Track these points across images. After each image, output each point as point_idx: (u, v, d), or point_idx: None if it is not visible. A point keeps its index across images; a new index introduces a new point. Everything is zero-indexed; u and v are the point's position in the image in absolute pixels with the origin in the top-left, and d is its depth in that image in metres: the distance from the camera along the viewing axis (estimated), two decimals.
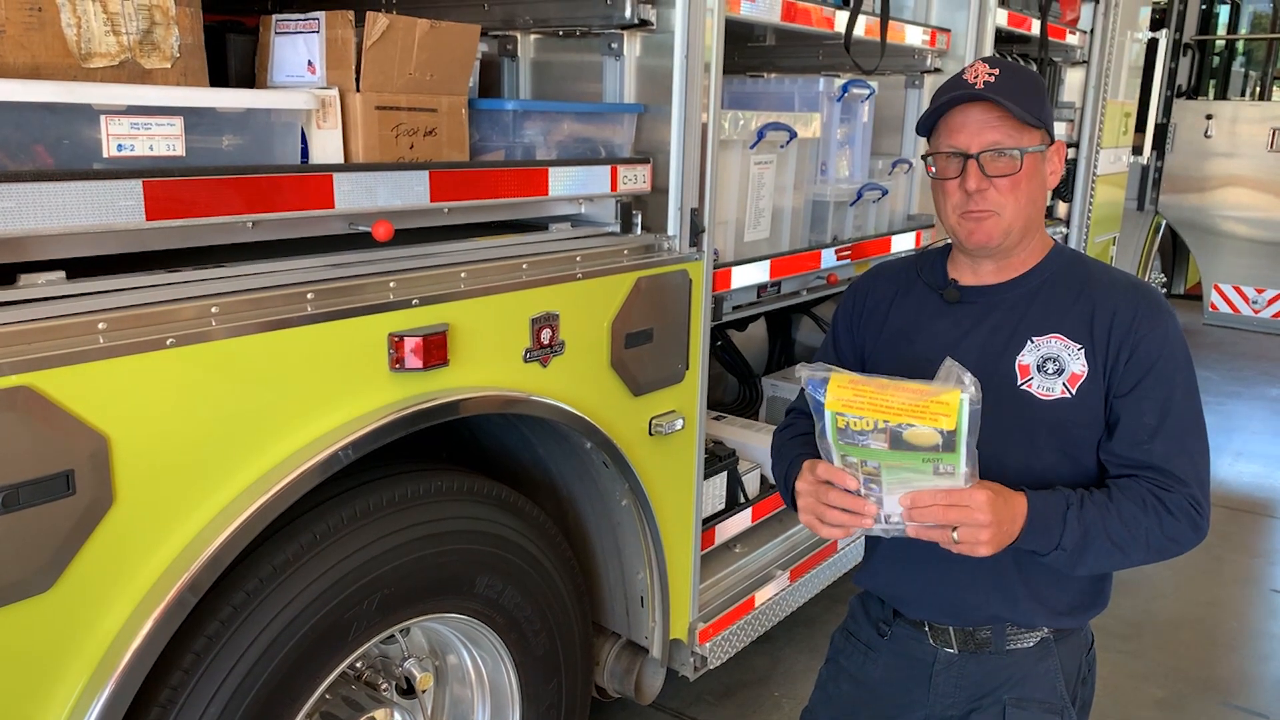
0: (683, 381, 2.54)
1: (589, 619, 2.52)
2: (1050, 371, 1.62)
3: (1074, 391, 1.61)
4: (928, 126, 1.68)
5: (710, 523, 2.96)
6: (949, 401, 1.37)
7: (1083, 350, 1.62)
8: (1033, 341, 1.64)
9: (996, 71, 1.59)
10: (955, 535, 1.46)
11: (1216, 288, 6.98)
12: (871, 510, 1.48)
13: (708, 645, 2.82)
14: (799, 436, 1.83)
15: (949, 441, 1.39)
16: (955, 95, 1.62)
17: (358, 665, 2.16)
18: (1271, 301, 6.77)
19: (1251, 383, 7.36)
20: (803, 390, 1.49)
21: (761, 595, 3.03)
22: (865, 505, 1.48)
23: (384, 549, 1.91)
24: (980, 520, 1.44)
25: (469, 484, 2.11)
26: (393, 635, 2.15)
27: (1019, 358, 1.64)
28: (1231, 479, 5.50)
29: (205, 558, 1.58)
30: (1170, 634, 3.80)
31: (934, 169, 1.68)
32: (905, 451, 1.41)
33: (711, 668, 2.85)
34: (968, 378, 1.39)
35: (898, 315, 1.79)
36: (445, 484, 2.06)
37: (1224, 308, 6.96)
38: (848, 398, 1.42)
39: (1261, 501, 5.18)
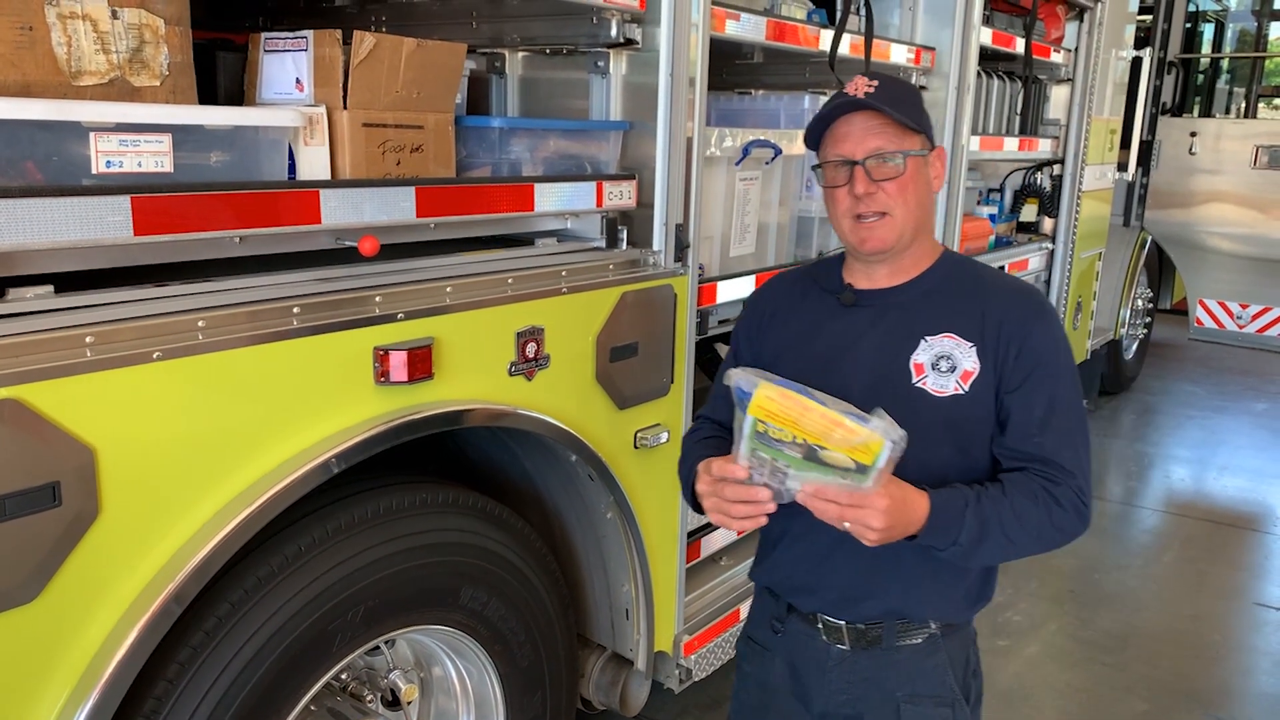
0: (668, 395, 2.57)
1: (574, 631, 2.54)
2: (944, 369, 1.68)
3: (967, 388, 1.67)
4: (815, 139, 1.75)
5: (696, 535, 2.98)
6: (872, 447, 1.43)
7: (974, 348, 1.68)
8: (926, 341, 1.70)
9: (875, 83, 1.67)
10: (846, 525, 1.51)
11: (1202, 303, 7.03)
12: (766, 495, 1.53)
13: (693, 658, 2.83)
14: (704, 440, 1.87)
15: (862, 469, 1.45)
16: (837, 105, 1.69)
17: (343, 676, 2.18)
18: (1256, 317, 6.83)
19: (1236, 397, 7.41)
20: (727, 389, 1.53)
21: (747, 608, 3.04)
22: (759, 493, 1.53)
23: (369, 561, 1.93)
24: (873, 524, 1.49)
25: (454, 497, 2.13)
26: (378, 647, 2.17)
27: (913, 356, 1.70)
28: (1216, 493, 5.54)
29: (190, 569, 1.60)
30: (1154, 647, 3.82)
31: (824, 178, 1.74)
32: (818, 465, 1.46)
33: (697, 680, 2.86)
34: (897, 432, 1.42)
35: (797, 321, 1.84)
36: (430, 497, 2.07)
37: (1209, 323, 7.01)
38: (772, 410, 1.46)
39: (1245, 515, 5.22)
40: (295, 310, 1.74)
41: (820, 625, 1.80)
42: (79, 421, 1.45)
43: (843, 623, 1.78)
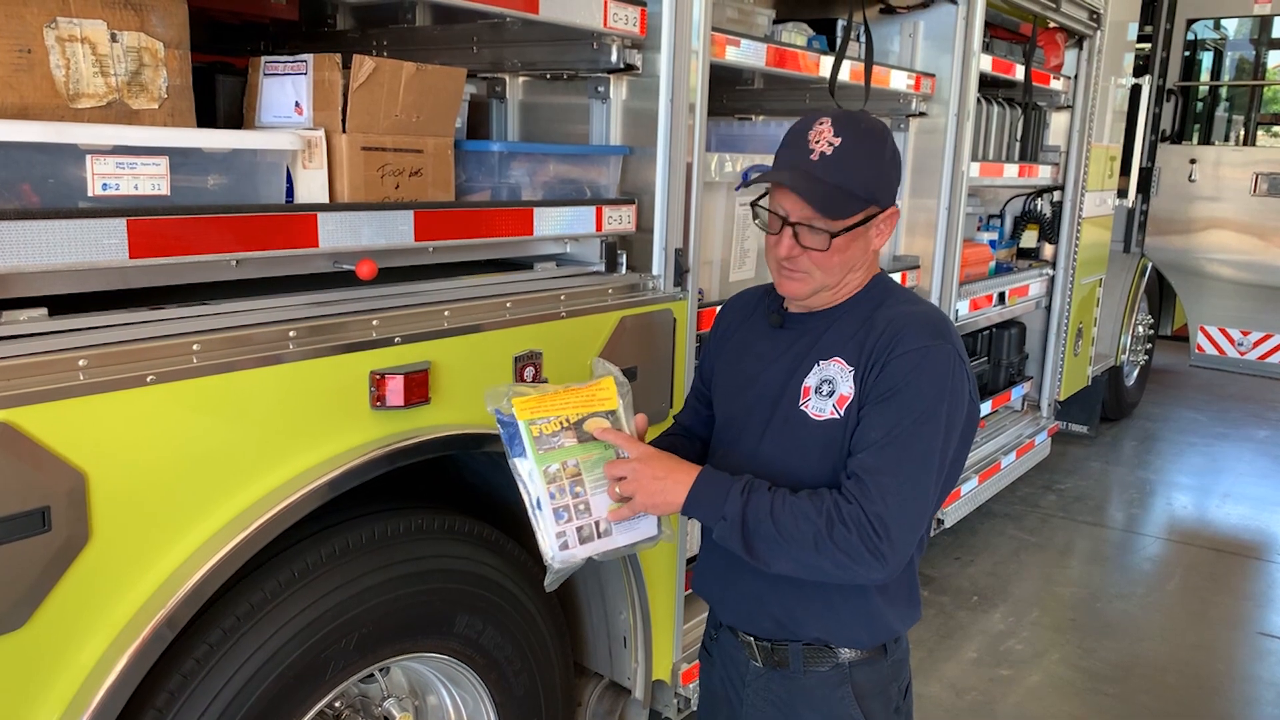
0: (667, 419, 2.54)
1: (571, 659, 2.51)
2: (825, 393, 1.68)
3: (841, 412, 1.66)
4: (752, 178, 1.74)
5: (694, 562, 2.95)
6: (606, 386, 1.69)
7: (853, 372, 1.66)
8: (819, 365, 1.71)
9: (838, 142, 1.61)
10: (618, 489, 1.63)
11: (1202, 329, 7.02)
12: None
13: (691, 686, 2.80)
14: (670, 438, 1.97)
15: (615, 422, 1.68)
16: (780, 176, 1.64)
17: (336, 704, 2.15)
18: (1257, 344, 6.82)
19: (1238, 424, 7.39)
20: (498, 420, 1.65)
21: None
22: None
23: (363, 587, 1.91)
24: (629, 452, 1.64)
25: (449, 522, 2.11)
26: (372, 674, 2.14)
27: (805, 380, 1.71)
28: (1219, 520, 5.50)
29: (182, 595, 1.58)
30: (1157, 677, 3.78)
31: (758, 218, 1.75)
32: (590, 443, 1.65)
33: (695, 709, 2.83)
34: (613, 367, 1.72)
35: (738, 337, 1.89)
36: (425, 522, 2.05)
37: (1210, 350, 7.00)
38: (533, 406, 1.63)
39: (1248, 544, 5.19)
40: (291, 334, 1.73)
41: (739, 638, 1.86)
42: (70, 445, 1.43)
43: (751, 638, 1.82)
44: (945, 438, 1.62)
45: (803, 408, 1.69)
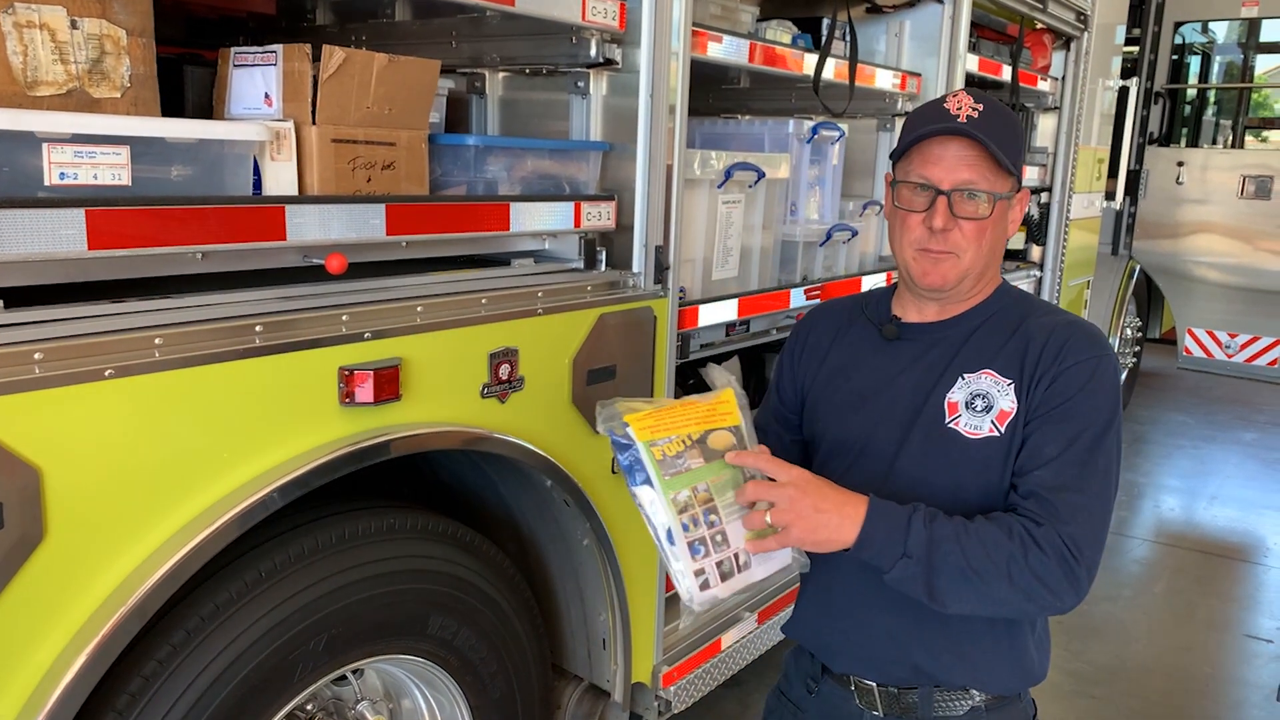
0: None
1: (548, 662, 2.47)
2: (979, 409, 1.55)
3: (1003, 430, 1.53)
4: (901, 152, 1.61)
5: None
6: (727, 399, 1.52)
7: (1013, 386, 1.54)
8: (964, 378, 1.58)
9: (980, 107, 1.53)
10: (769, 517, 1.45)
11: (1190, 332, 7.03)
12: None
13: (672, 689, 2.77)
14: None
15: (740, 439, 1.50)
16: (939, 127, 1.53)
17: (309, 707, 2.11)
18: (1244, 346, 6.82)
19: (1226, 426, 7.39)
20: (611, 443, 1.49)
21: (729, 638, 2.98)
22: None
23: (332, 588, 1.87)
24: (778, 475, 1.46)
25: (422, 522, 2.08)
26: (345, 676, 2.10)
27: (949, 395, 1.58)
28: (1206, 523, 5.49)
29: (141, 595, 1.54)
30: (1144, 680, 3.76)
31: (897, 198, 1.60)
32: (717, 461, 1.47)
33: (676, 712, 2.80)
34: (729, 375, 1.55)
35: (838, 351, 1.75)
36: (397, 521, 2.02)
37: (1198, 352, 7.00)
38: (651, 424, 1.46)
39: (1235, 546, 5.18)
40: (257, 328, 1.69)
41: (854, 687, 1.68)
42: (24, 441, 1.39)
43: (874, 684, 1.66)
44: (1119, 450, 1.53)
45: (952, 425, 1.55)
